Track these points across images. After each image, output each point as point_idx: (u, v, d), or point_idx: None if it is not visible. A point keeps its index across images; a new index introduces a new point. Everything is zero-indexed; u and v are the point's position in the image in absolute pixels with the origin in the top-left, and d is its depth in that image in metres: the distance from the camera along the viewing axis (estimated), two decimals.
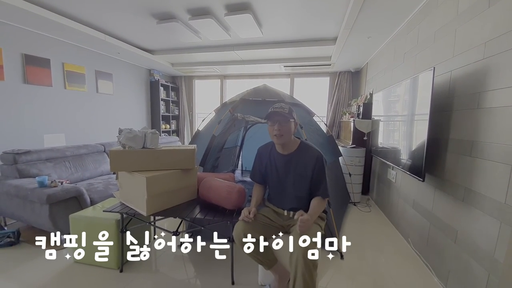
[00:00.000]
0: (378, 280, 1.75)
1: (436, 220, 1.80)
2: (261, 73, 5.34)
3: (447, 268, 1.65)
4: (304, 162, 1.44)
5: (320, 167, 1.43)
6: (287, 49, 3.72)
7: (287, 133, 1.41)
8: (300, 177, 1.45)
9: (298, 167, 1.45)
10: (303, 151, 1.47)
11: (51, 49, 3.29)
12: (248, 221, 1.38)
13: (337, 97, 4.81)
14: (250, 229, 1.36)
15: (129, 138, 1.64)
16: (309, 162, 1.43)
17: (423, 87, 1.84)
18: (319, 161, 1.43)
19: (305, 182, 1.45)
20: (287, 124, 1.40)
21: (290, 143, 1.48)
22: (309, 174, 1.43)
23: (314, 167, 1.42)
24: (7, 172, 2.34)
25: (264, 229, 1.42)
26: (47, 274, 1.72)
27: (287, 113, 1.40)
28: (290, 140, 1.46)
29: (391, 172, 2.63)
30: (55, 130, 3.41)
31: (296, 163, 1.46)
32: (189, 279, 1.73)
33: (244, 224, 1.39)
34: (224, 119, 2.42)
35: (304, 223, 1.25)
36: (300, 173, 1.45)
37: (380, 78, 3.32)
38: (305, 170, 1.43)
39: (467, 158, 1.48)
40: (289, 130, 1.41)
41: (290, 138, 1.45)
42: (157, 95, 5.26)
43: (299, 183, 1.46)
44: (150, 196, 1.57)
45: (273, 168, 1.53)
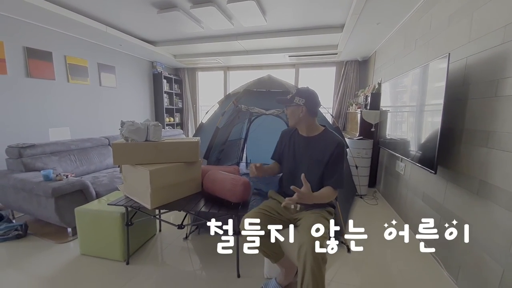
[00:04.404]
0: (385, 273, 1.73)
1: (447, 214, 1.74)
2: (265, 64, 5.23)
3: (458, 262, 1.60)
4: (323, 147, 1.40)
5: (339, 154, 1.38)
6: (292, 37, 3.60)
7: (291, 116, 1.47)
8: (315, 161, 1.41)
9: (316, 151, 1.42)
10: (325, 136, 1.45)
11: (53, 42, 3.25)
12: (254, 172, 1.46)
13: (344, 87, 4.68)
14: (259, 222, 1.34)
15: (132, 131, 1.61)
16: (328, 147, 1.39)
17: (436, 75, 1.75)
18: (339, 147, 1.38)
19: (319, 167, 1.40)
20: (289, 108, 1.47)
21: (309, 127, 1.47)
22: (325, 160, 1.38)
23: (333, 152, 1.37)
24: (13, 166, 2.35)
25: (271, 222, 1.39)
26: (54, 267, 1.73)
27: (288, 98, 1.46)
28: (298, 123, 1.48)
29: (400, 164, 2.56)
30: (59, 124, 3.41)
31: (315, 146, 1.44)
32: (195, 272, 1.73)
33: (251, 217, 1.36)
34: (227, 111, 2.37)
35: (301, 194, 1.21)
36: (316, 157, 1.41)
37: (389, 67, 3.20)
38: (322, 155, 1.39)
39: (483, 149, 1.41)
40: (290, 114, 1.47)
41: (296, 122, 1.47)
42: (160, 87, 5.22)
43: (313, 168, 1.41)
44: (154, 189, 1.55)
45: (290, 148, 1.53)
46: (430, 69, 1.82)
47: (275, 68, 5.21)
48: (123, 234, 1.74)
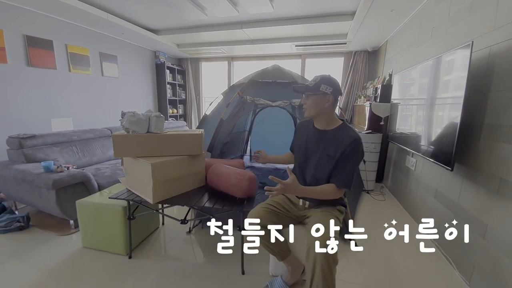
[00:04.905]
0: (394, 271, 1.67)
1: (462, 212, 1.66)
2: (271, 54, 5.08)
3: (472, 263, 1.53)
4: (338, 142, 1.27)
5: (352, 151, 1.23)
6: (300, 26, 3.45)
7: (311, 107, 1.30)
8: (327, 157, 1.29)
9: (329, 145, 1.30)
10: (341, 131, 1.31)
11: (54, 30, 3.16)
12: (258, 155, 1.52)
13: (352, 79, 4.53)
14: (264, 218, 1.28)
15: (133, 122, 1.54)
16: (343, 143, 1.25)
17: (456, 65, 1.63)
18: (354, 144, 1.23)
19: (329, 163, 1.28)
20: (311, 97, 1.29)
21: (328, 120, 1.33)
22: (337, 156, 1.25)
23: (346, 148, 1.23)
24: (14, 157, 2.31)
25: (278, 219, 1.33)
26: (56, 260, 1.70)
27: (312, 86, 1.27)
28: (319, 115, 1.32)
29: (411, 160, 2.47)
30: (62, 114, 3.36)
31: (329, 141, 1.31)
32: (198, 268, 1.69)
33: (258, 212, 1.30)
34: (232, 102, 2.29)
35: (284, 185, 1.13)
36: (328, 153, 1.29)
37: (401, 57, 3.05)
38: (334, 151, 1.27)
39: (506, 146, 1.31)
40: (313, 103, 1.29)
41: (317, 113, 1.31)
42: (163, 78, 5.12)
43: (323, 163, 1.30)
44: (156, 183, 1.50)
45: (303, 141, 1.42)
46: (449, 59, 1.70)
47: (280, 58, 5.06)
48: (125, 227, 1.70)
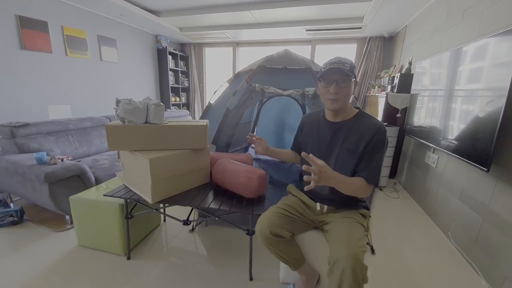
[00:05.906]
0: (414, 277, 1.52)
1: (494, 217, 1.49)
2: (278, 40, 4.79)
3: (503, 273, 1.38)
4: (359, 133, 1.10)
5: (379, 141, 1.06)
6: (312, 7, 3.16)
7: (345, 96, 1.09)
8: (347, 152, 1.12)
9: (349, 139, 1.12)
10: (360, 120, 1.13)
11: (48, 10, 2.94)
12: (253, 138, 1.34)
13: (365, 67, 4.26)
14: (276, 225, 1.12)
15: (128, 111, 1.37)
16: (366, 134, 1.07)
17: (496, 52, 1.41)
18: (379, 133, 1.06)
19: (351, 159, 1.10)
20: (347, 85, 1.07)
21: (345, 109, 1.15)
22: (360, 149, 1.08)
23: (371, 139, 1.06)
24: (6, 147, 2.17)
25: (292, 225, 1.17)
26: (50, 259, 1.58)
27: (348, 69, 1.04)
28: (346, 105, 1.14)
29: (431, 156, 2.28)
30: (59, 101, 3.19)
31: (347, 133, 1.13)
32: (202, 271, 1.55)
33: (270, 218, 1.14)
34: (239, 91, 2.09)
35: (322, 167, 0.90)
36: (348, 147, 1.11)
37: (423, 44, 2.79)
38: (356, 144, 1.09)
39: None
40: (347, 93, 1.08)
41: (347, 103, 1.13)
42: (165, 64, 4.88)
43: (344, 159, 1.12)
44: (155, 180, 1.34)
45: (315, 137, 1.22)
46: (488, 44, 1.48)
47: (288, 44, 4.77)
48: (122, 227, 1.57)
